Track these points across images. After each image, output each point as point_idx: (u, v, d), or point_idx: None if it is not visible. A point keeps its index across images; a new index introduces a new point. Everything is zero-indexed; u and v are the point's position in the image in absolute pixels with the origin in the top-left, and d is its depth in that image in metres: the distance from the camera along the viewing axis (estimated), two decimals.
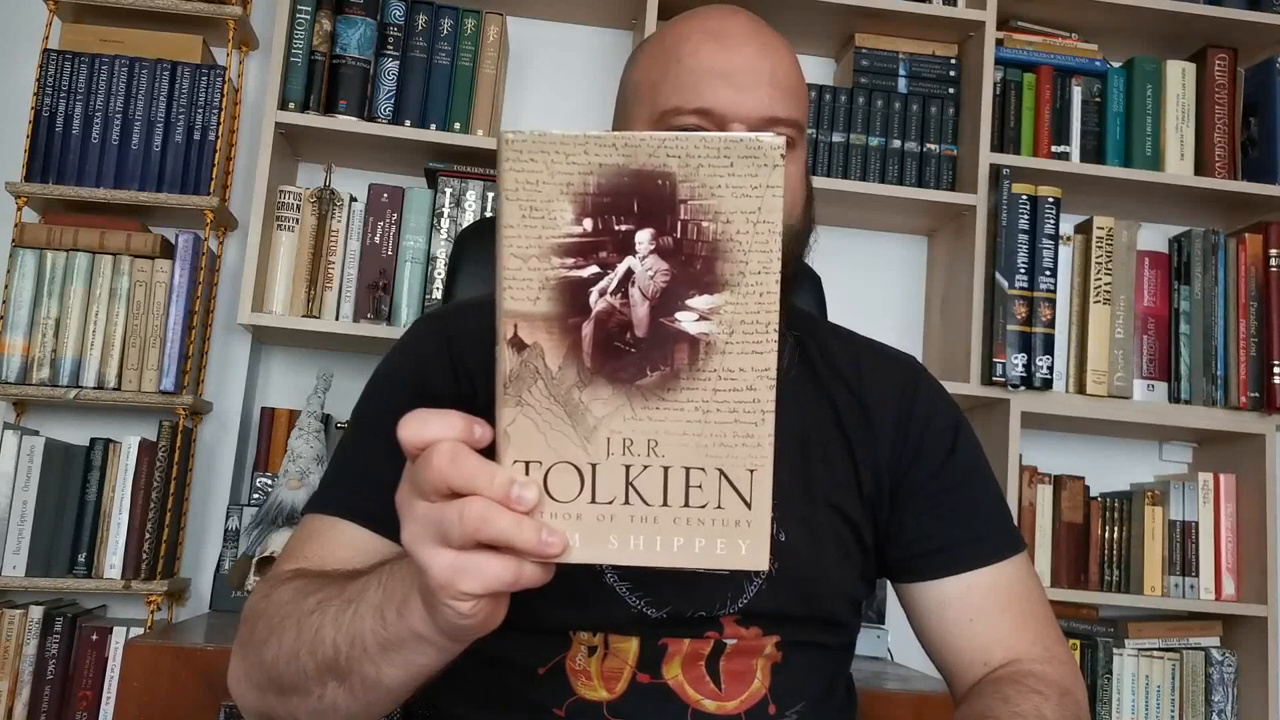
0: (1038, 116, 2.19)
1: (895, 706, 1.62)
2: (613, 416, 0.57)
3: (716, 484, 0.58)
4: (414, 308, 2.01)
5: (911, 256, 2.33)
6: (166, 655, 1.51)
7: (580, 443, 0.57)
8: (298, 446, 1.89)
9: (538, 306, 0.56)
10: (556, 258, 0.56)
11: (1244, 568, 2.12)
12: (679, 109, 0.90)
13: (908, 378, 1.02)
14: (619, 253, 0.56)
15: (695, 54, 0.91)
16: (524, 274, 0.56)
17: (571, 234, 0.56)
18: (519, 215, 0.55)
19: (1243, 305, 2.16)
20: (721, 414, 0.57)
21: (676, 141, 0.55)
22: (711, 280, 0.56)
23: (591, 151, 0.55)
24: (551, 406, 0.57)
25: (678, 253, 0.56)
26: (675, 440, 0.57)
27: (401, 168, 2.16)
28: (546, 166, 0.55)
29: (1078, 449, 2.28)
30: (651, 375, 0.57)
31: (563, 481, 0.57)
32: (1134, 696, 2.11)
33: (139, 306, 1.94)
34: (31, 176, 1.97)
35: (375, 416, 0.93)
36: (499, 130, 2.14)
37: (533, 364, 0.56)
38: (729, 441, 0.57)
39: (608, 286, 0.56)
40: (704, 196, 0.56)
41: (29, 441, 1.87)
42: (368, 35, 2.03)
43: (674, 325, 0.56)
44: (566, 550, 0.56)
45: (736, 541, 0.58)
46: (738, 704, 0.87)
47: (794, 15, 2.15)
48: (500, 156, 0.55)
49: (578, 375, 0.57)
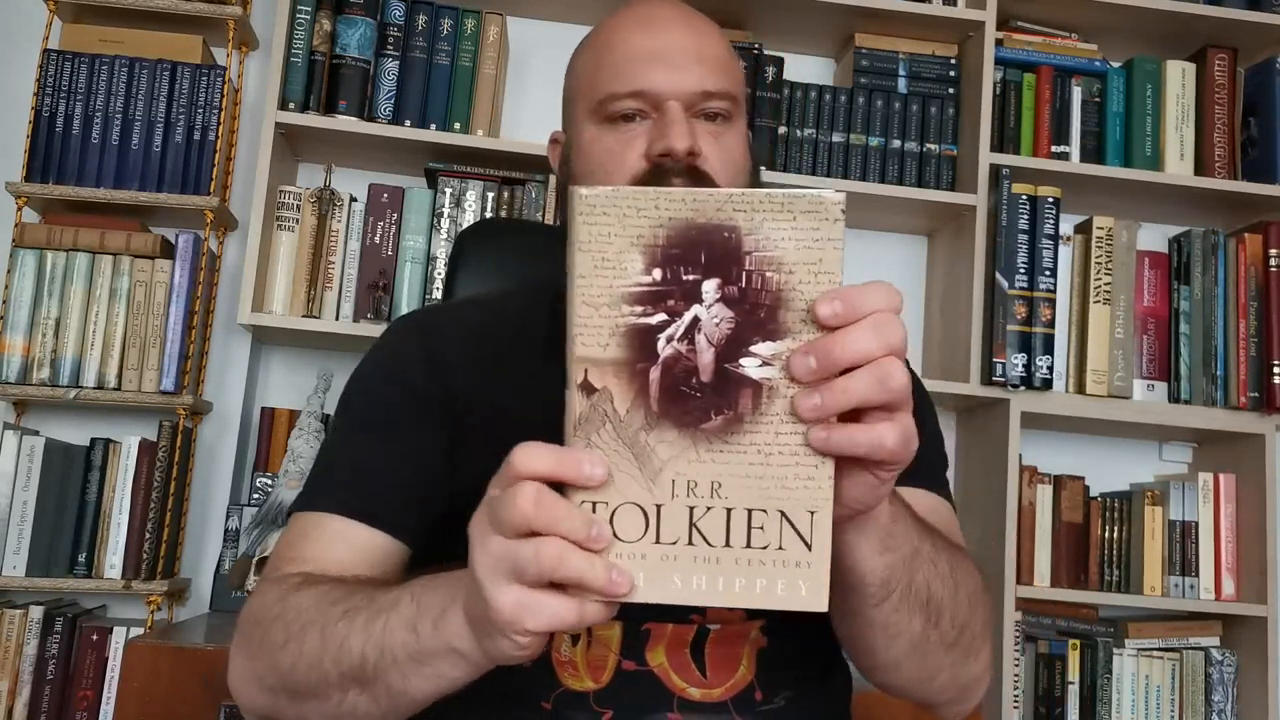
0: (1038, 116, 2.19)
1: (895, 706, 1.62)
2: (678, 459, 0.59)
3: (778, 525, 0.59)
4: (414, 308, 2.01)
5: (911, 256, 2.33)
6: (166, 655, 1.51)
7: (646, 484, 0.59)
8: (298, 446, 1.89)
9: (607, 352, 0.58)
10: (627, 305, 0.58)
11: (1244, 568, 2.12)
12: (615, 94, 0.93)
13: None
14: (686, 301, 0.58)
15: (626, 41, 0.95)
16: (595, 321, 0.58)
17: (641, 283, 0.58)
18: (591, 266, 0.58)
19: (1243, 305, 2.16)
20: (783, 456, 0.59)
21: (743, 197, 0.58)
22: (774, 328, 0.58)
23: (662, 206, 0.58)
24: (619, 449, 0.59)
25: (742, 301, 0.58)
26: (738, 482, 0.59)
27: (401, 168, 2.16)
28: (619, 220, 0.58)
29: (1078, 449, 2.28)
30: (716, 419, 0.58)
31: (629, 522, 0.59)
32: (1134, 696, 2.11)
33: (139, 306, 1.94)
34: (32, 176, 1.97)
35: (365, 413, 0.95)
36: (497, 129, 2.14)
37: (601, 407, 0.59)
38: (790, 484, 0.59)
39: (675, 333, 0.58)
40: (767, 249, 0.58)
41: (29, 441, 1.87)
42: (368, 35, 2.03)
43: (738, 370, 0.58)
44: (632, 590, 0.58)
45: (797, 582, 0.59)
46: (723, 691, 0.88)
47: (794, 15, 2.15)
48: (572, 210, 0.58)
49: (645, 419, 0.59)
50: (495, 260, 1.44)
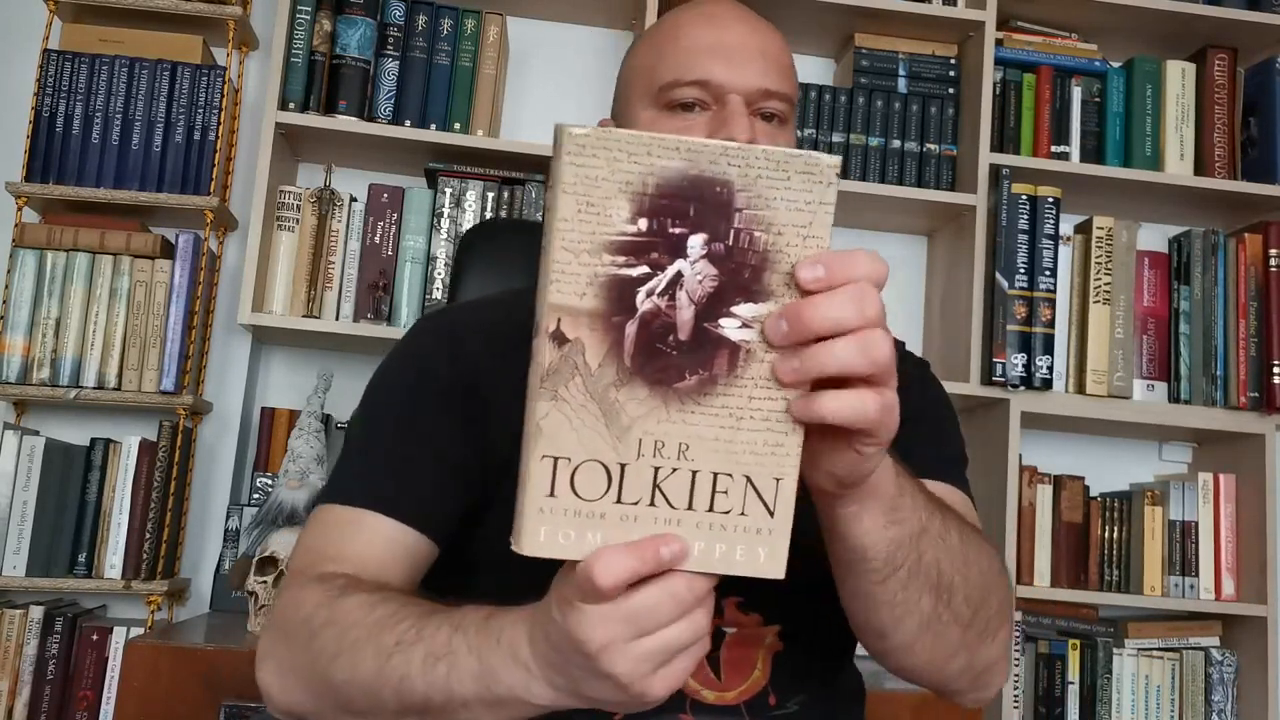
0: (1037, 116, 2.19)
1: (895, 706, 1.62)
2: (647, 418, 0.57)
3: (743, 491, 0.58)
4: (414, 308, 2.01)
5: (911, 256, 2.33)
6: (166, 655, 1.51)
7: (612, 442, 0.57)
8: (298, 446, 1.89)
9: (584, 302, 0.56)
10: (608, 255, 0.56)
11: (1244, 568, 2.12)
12: (677, 81, 0.93)
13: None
14: (670, 255, 0.56)
15: (690, 33, 0.95)
16: (573, 268, 0.56)
17: (626, 233, 0.56)
18: (574, 209, 0.55)
19: (1242, 305, 2.16)
20: (754, 422, 0.58)
21: (739, 151, 0.56)
22: (758, 289, 0.57)
23: (655, 153, 0.56)
24: (587, 403, 0.57)
25: (728, 259, 0.57)
26: (706, 445, 0.58)
27: (401, 168, 2.16)
28: (608, 164, 0.55)
29: (1077, 449, 2.28)
30: (690, 379, 0.57)
31: (590, 480, 0.58)
32: (1134, 696, 2.11)
33: (139, 306, 1.94)
34: (32, 176, 1.97)
35: (397, 410, 0.94)
36: (497, 129, 2.14)
37: (572, 359, 0.56)
38: (759, 450, 0.58)
39: (656, 287, 0.56)
40: (759, 207, 0.56)
41: (29, 441, 1.87)
42: (368, 35, 2.03)
43: (717, 331, 0.57)
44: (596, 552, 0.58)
45: (756, 549, 0.59)
46: (737, 694, 0.88)
47: (794, 15, 2.15)
48: (560, 149, 0.55)
49: (616, 374, 0.57)
50: (500, 260, 1.44)
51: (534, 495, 0.58)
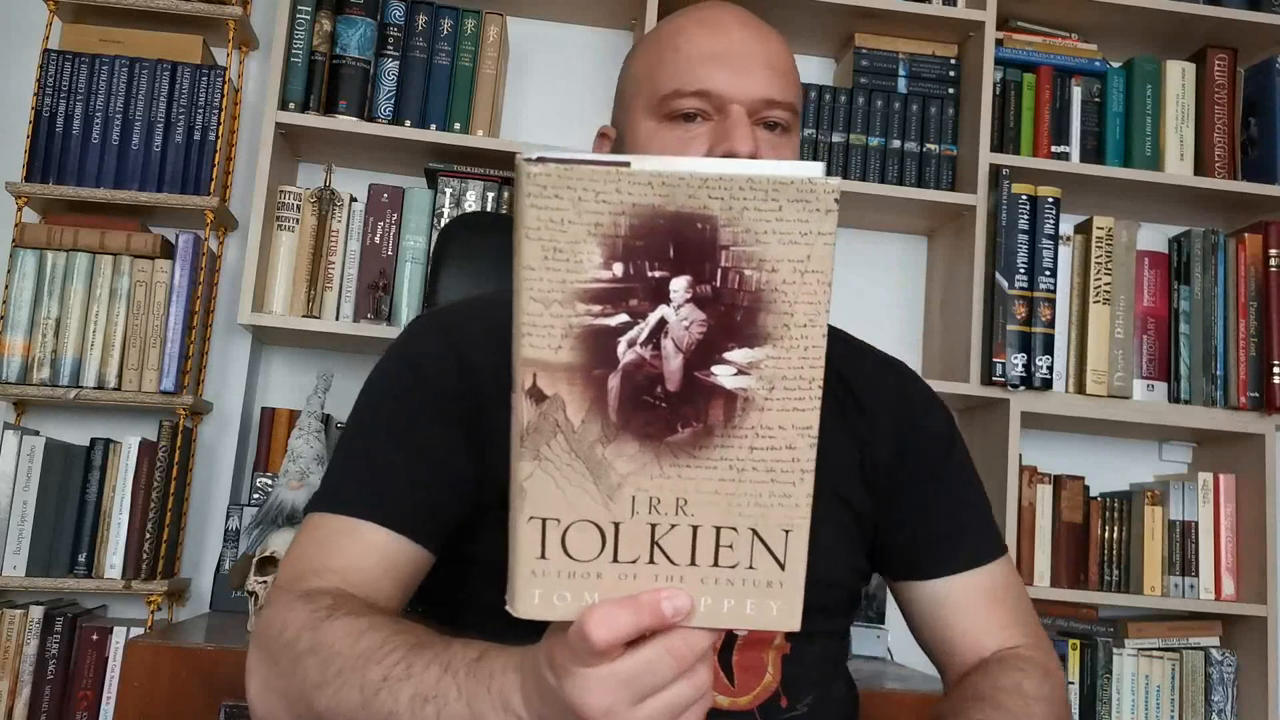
0: (1037, 116, 2.19)
1: (895, 706, 1.62)
2: (639, 474, 0.53)
3: (749, 544, 0.55)
4: (414, 308, 2.01)
5: (911, 256, 2.33)
6: (166, 655, 1.51)
7: (603, 501, 0.54)
8: (298, 446, 1.88)
9: (559, 356, 0.52)
10: (582, 304, 0.51)
11: (1244, 568, 2.12)
12: (679, 92, 0.91)
13: (902, 382, 1.05)
14: (651, 301, 0.51)
15: (691, 41, 0.93)
16: (545, 320, 0.51)
17: (599, 279, 0.51)
18: (540, 256, 0.51)
19: (1242, 305, 2.16)
20: (758, 473, 0.54)
21: (720, 181, 0.50)
22: (753, 333, 0.52)
23: (624, 189, 0.50)
24: (572, 462, 0.53)
25: (716, 302, 0.52)
26: (706, 499, 0.54)
27: (401, 168, 2.16)
28: (573, 204, 0.50)
29: (1077, 449, 2.28)
30: (683, 432, 0.53)
31: (583, 540, 0.54)
32: (1134, 696, 2.11)
33: (139, 306, 1.94)
34: (32, 176, 1.97)
35: (392, 416, 0.91)
36: (497, 129, 2.14)
37: (553, 417, 0.53)
38: (764, 501, 0.54)
39: (638, 337, 0.52)
40: (748, 243, 0.51)
41: (29, 441, 1.87)
42: (368, 35, 2.03)
43: (709, 380, 0.53)
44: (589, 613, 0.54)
45: (768, 602, 0.55)
46: (750, 698, 0.88)
47: (794, 15, 2.15)
48: (519, 189, 0.50)
49: (601, 430, 0.53)
50: (479, 255, 1.44)
51: (524, 558, 0.54)
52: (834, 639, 0.98)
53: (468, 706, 0.64)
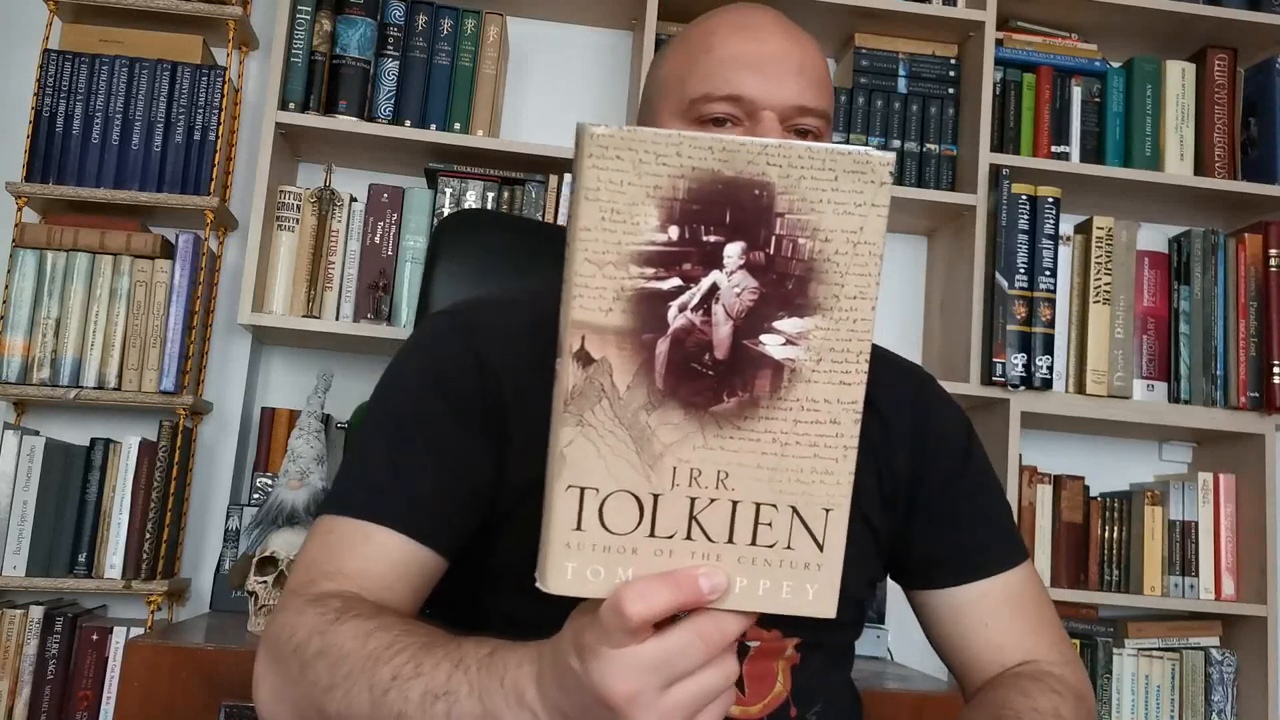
0: (1037, 116, 2.19)
1: (895, 706, 1.62)
2: (682, 444, 0.53)
3: (788, 523, 0.54)
4: (414, 308, 2.01)
5: (911, 256, 2.33)
6: (166, 655, 1.51)
7: (644, 471, 0.53)
8: (298, 446, 1.88)
9: (610, 319, 0.51)
10: (635, 266, 0.51)
11: (1244, 568, 2.12)
12: (709, 96, 0.89)
13: (919, 388, 1.03)
14: (705, 266, 0.51)
15: (724, 44, 0.91)
16: (598, 282, 0.51)
17: (655, 242, 0.51)
18: (598, 217, 0.51)
19: (1242, 305, 2.16)
20: (801, 448, 0.53)
21: (779, 150, 0.51)
22: (803, 302, 0.52)
23: (685, 153, 0.51)
24: (615, 429, 0.52)
25: (769, 270, 0.52)
26: (748, 473, 0.53)
27: (401, 168, 2.16)
28: (633, 165, 0.50)
29: (1077, 449, 2.28)
30: (729, 401, 0.52)
31: (620, 511, 0.53)
32: (1134, 696, 2.11)
33: (139, 306, 1.94)
34: (32, 176, 1.97)
35: (411, 419, 0.89)
36: (497, 129, 2.14)
37: (599, 381, 0.52)
38: (806, 478, 0.53)
39: (689, 302, 0.52)
40: (803, 211, 0.51)
41: (29, 441, 1.87)
42: (368, 35, 2.03)
43: (758, 348, 0.52)
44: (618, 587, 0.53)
45: (804, 585, 0.54)
46: (761, 708, 0.88)
47: (794, 15, 2.10)
48: (581, 151, 0.51)
49: (647, 397, 0.52)
50: (473, 253, 1.44)
51: (559, 529, 0.53)
52: (842, 651, 0.98)
53: (480, 702, 0.62)
